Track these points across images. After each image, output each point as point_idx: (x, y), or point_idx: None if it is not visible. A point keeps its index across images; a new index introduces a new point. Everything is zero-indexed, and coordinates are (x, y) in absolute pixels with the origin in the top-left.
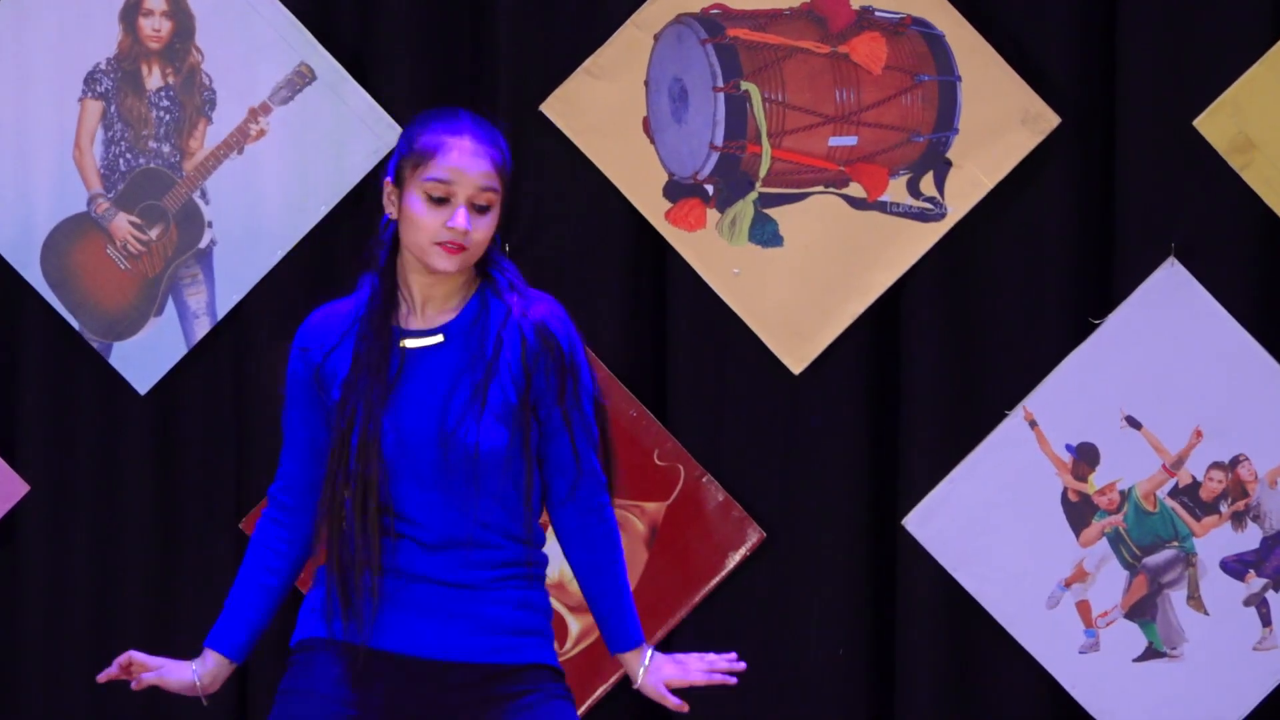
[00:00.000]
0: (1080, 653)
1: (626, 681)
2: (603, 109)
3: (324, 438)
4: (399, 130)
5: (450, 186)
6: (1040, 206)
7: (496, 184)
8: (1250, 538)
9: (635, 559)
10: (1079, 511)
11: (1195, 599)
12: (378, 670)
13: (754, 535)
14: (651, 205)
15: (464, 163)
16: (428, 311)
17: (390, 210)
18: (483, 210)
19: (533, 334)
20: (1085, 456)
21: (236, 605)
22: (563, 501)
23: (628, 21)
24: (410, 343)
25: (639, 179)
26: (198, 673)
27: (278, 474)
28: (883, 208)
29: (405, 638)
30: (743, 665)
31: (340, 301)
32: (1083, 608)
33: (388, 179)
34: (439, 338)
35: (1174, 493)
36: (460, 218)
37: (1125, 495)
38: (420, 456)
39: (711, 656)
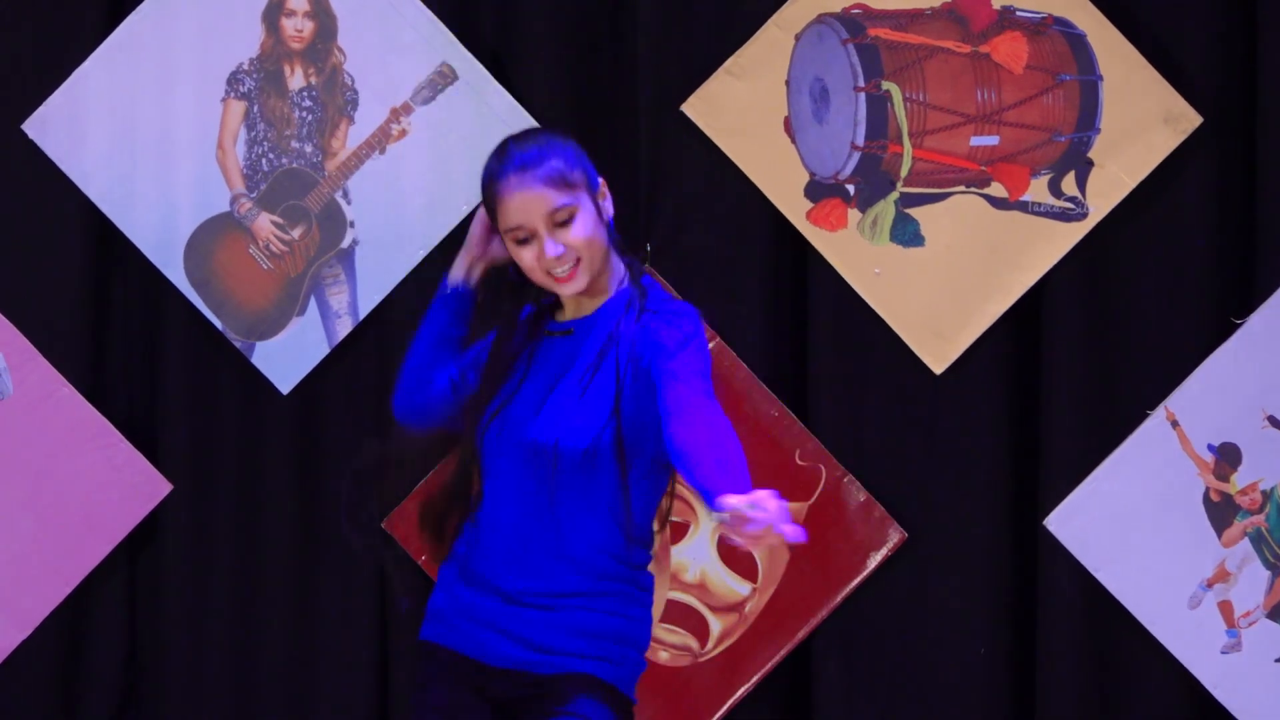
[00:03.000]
0: (1222, 653)
1: (766, 683)
2: (744, 109)
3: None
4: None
5: (522, 230)
6: (1182, 206)
7: (563, 193)
8: None
9: (777, 558)
10: (1221, 511)
11: None
12: (464, 672)
13: (895, 535)
14: (792, 205)
15: (518, 204)
16: (583, 304)
17: None
18: (565, 222)
19: (641, 331)
20: (1227, 456)
21: None
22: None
23: (769, 21)
24: (550, 333)
25: (780, 179)
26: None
27: None
28: (1024, 207)
29: (474, 645)
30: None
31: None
32: (1225, 608)
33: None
34: (569, 331)
35: None
36: (548, 249)
37: (1267, 495)
38: (513, 451)
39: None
